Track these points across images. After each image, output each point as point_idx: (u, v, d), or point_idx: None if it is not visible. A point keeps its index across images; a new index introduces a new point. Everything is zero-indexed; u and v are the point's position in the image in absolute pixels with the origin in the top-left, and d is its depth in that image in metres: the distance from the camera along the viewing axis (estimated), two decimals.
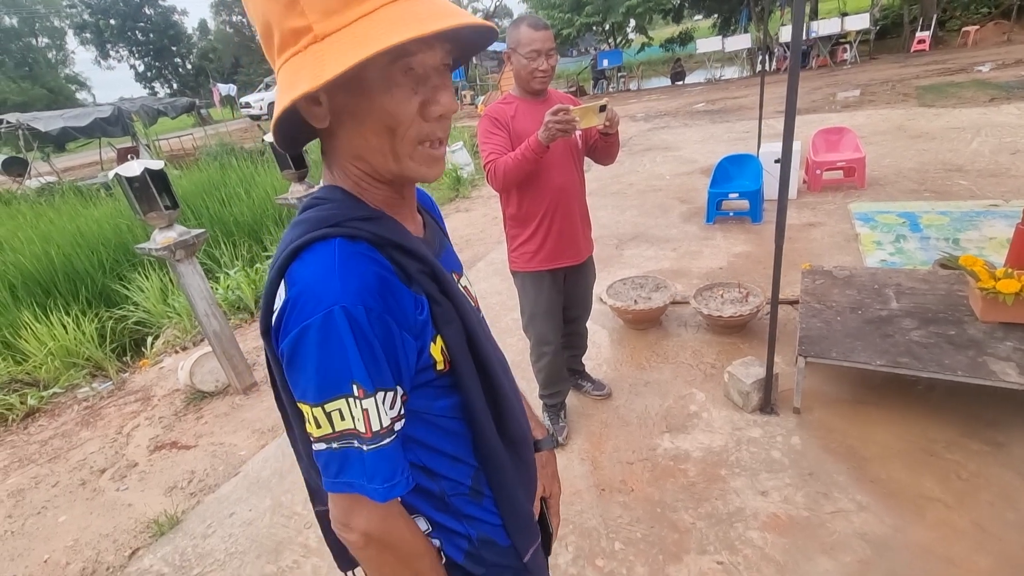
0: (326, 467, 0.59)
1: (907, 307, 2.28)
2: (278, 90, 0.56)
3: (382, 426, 0.58)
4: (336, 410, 0.56)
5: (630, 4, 16.87)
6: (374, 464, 0.58)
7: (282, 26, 0.53)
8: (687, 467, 2.05)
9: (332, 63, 0.50)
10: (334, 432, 0.57)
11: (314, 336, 0.55)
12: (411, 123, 0.59)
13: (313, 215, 0.62)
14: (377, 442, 0.58)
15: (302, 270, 0.57)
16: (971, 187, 4.26)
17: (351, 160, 0.63)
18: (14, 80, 32.50)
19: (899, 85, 9.06)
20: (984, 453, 1.88)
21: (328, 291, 0.55)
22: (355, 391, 0.56)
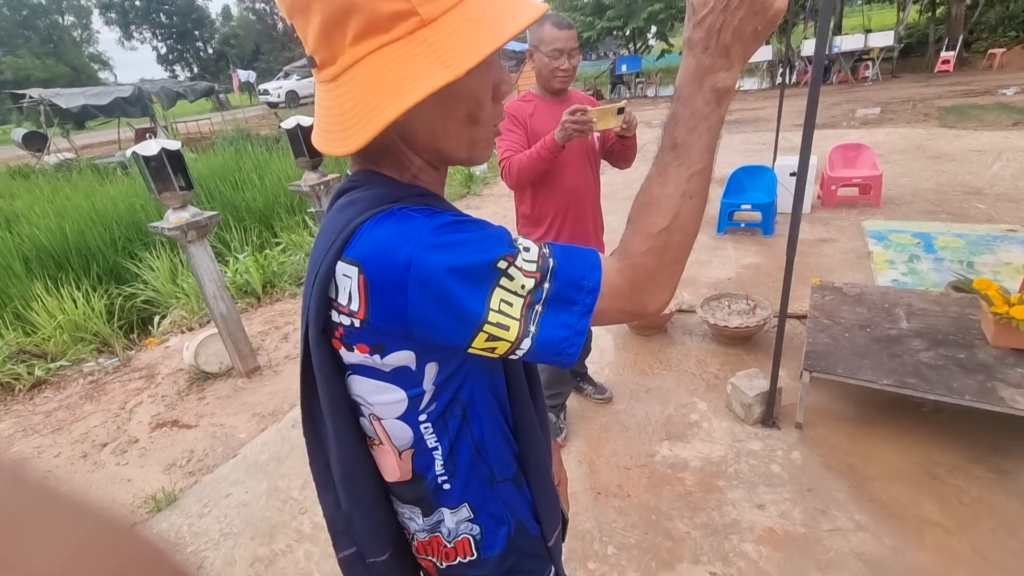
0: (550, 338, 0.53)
1: (917, 328, 2.25)
2: (368, 83, 0.49)
3: (538, 255, 0.55)
4: (501, 299, 0.52)
5: (652, 10, 16.81)
6: (570, 262, 0.55)
7: (374, 9, 0.47)
8: (685, 476, 2.04)
9: (463, 51, 0.46)
10: (521, 305, 0.53)
11: (427, 255, 0.50)
12: (488, 107, 0.57)
13: (364, 195, 0.57)
14: (551, 261, 0.55)
15: (367, 237, 0.53)
16: (989, 211, 4.21)
17: (419, 149, 0.59)
18: (38, 56, 32.97)
19: (920, 105, 8.96)
20: (988, 480, 1.85)
21: (410, 224, 0.52)
22: (503, 265, 0.52)
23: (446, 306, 0.51)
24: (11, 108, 16.73)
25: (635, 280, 0.56)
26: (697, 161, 0.55)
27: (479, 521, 0.69)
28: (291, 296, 4.27)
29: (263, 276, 4.35)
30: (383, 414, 0.63)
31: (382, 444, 0.66)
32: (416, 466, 0.66)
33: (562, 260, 0.55)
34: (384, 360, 0.58)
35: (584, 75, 20.27)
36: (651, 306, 0.58)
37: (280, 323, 3.80)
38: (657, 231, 0.55)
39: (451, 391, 0.63)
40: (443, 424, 0.64)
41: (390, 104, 0.48)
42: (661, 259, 0.56)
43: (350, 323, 0.55)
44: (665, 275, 0.57)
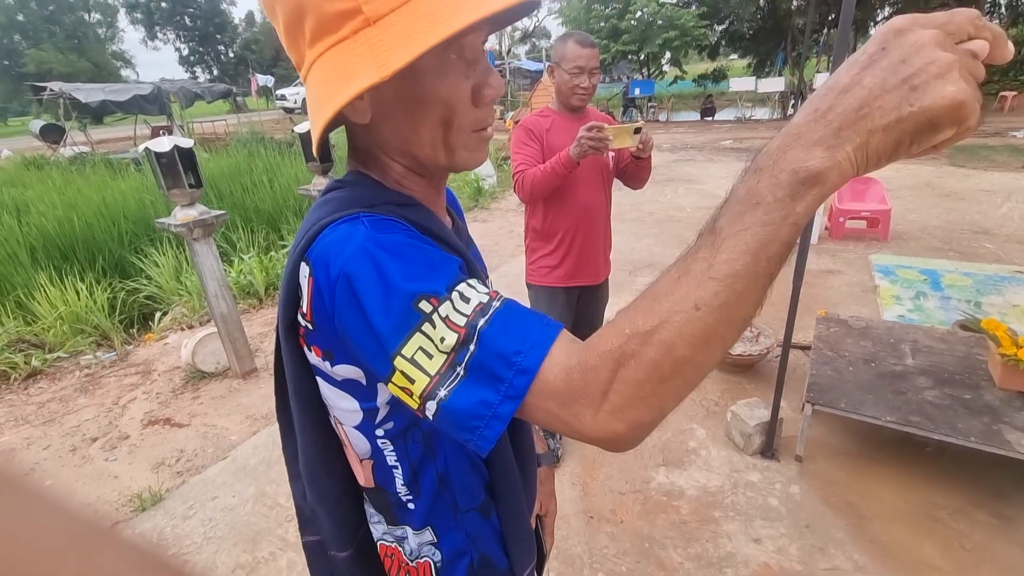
0: (463, 413, 0.44)
1: (923, 365, 2.22)
2: (316, 86, 0.49)
3: (478, 302, 0.46)
4: (418, 347, 0.44)
5: (667, 36, 17.07)
6: (505, 328, 0.44)
7: (321, 9, 0.46)
8: (680, 504, 2.00)
9: (397, 50, 0.44)
10: (437, 372, 0.44)
11: (355, 275, 0.46)
12: (466, 111, 0.53)
13: (340, 195, 0.56)
14: (488, 311, 0.45)
15: (324, 239, 0.50)
16: (997, 251, 4.18)
17: (394, 155, 0.57)
18: (62, 51, 33.64)
19: None
20: (991, 525, 1.80)
21: (356, 233, 0.49)
22: (425, 307, 0.45)
23: (363, 325, 0.46)
24: (31, 100, 17.02)
25: (577, 384, 0.41)
26: (727, 262, 0.38)
27: (441, 548, 0.67)
28: None
29: (266, 278, 4.35)
30: (342, 420, 0.61)
31: (347, 447, 0.65)
32: (377, 478, 0.64)
33: (500, 323, 0.44)
34: (334, 369, 0.55)
35: (596, 97, 20.51)
36: (589, 429, 0.42)
37: None
38: (630, 331, 0.40)
39: (410, 415, 0.59)
40: (404, 447, 0.61)
41: (327, 105, 0.46)
42: (618, 372, 0.40)
43: (305, 324, 0.54)
44: (619, 397, 0.40)
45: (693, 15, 17.39)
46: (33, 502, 0.15)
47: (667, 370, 0.39)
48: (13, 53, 34.37)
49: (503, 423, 0.43)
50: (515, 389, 0.43)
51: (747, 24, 19.18)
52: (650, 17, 17.42)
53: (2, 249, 4.40)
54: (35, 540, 0.14)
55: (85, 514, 0.16)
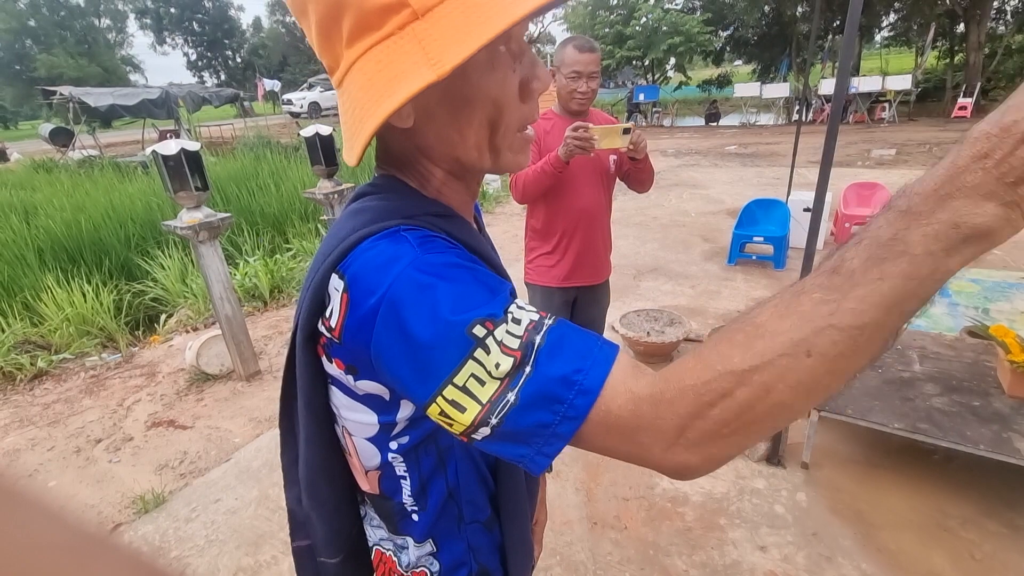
0: (517, 434, 0.41)
1: (930, 372, 2.20)
2: (359, 88, 0.45)
3: (531, 319, 0.43)
4: (470, 375, 0.42)
5: (672, 43, 17.11)
6: (561, 347, 0.41)
7: (362, 4, 0.42)
8: (685, 511, 1.98)
9: (452, 45, 0.40)
10: (488, 400, 0.41)
11: (402, 301, 0.43)
12: (514, 109, 0.50)
13: (376, 204, 0.52)
14: (540, 329, 0.42)
15: (363, 254, 0.47)
16: (1005, 257, 4.15)
17: (437, 160, 0.54)
18: (72, 56, 34.03)
19: (937, 148, 8.96)
20: (1002, 535, 1.78)
21: (401, 254, 0.45)
22: (480, 332, 0.42)
23: (407, 354, 0.43)
24: (42, 104, 17.20)
25: (646, 416, 0.39)
26: (854, 312, 0.34)
27: (440, 558, 0.65)
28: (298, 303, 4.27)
29: (271, 281, 4.37)
30: (353, 431, 0.59)
31: (352, 457, 0.63)
32: (383, 486, 0.63)
33: (555, 341, 0.42)
34: (357, 383, 0.53)
35: (601, 102, 20.56)
36: (657, 460, 0.40)
37: (284, 328, 3.80)
38: (722, 368, 0.37)
39: (427, 431, 0.57)
40: (415, 459, 0.59)
41: (375, 111, 0.43)
42: (702, 410, 0.37)
43: (329, 337, 0.52)
44: (698, 435, 0.38)
45: (698, 21, 17.43)
46: (30, 510, 0.15)
47: (759, 413, 0.36)
48: (24, 58, 34.79)
49: (562, 442, 0.41)
50: (575, 410, 0.40)
51: (752, 30, 19.20)
52: (655, 23, 17.47)
53: (10, 251, 4.43)
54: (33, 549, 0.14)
55: (83, 522, 0.16)
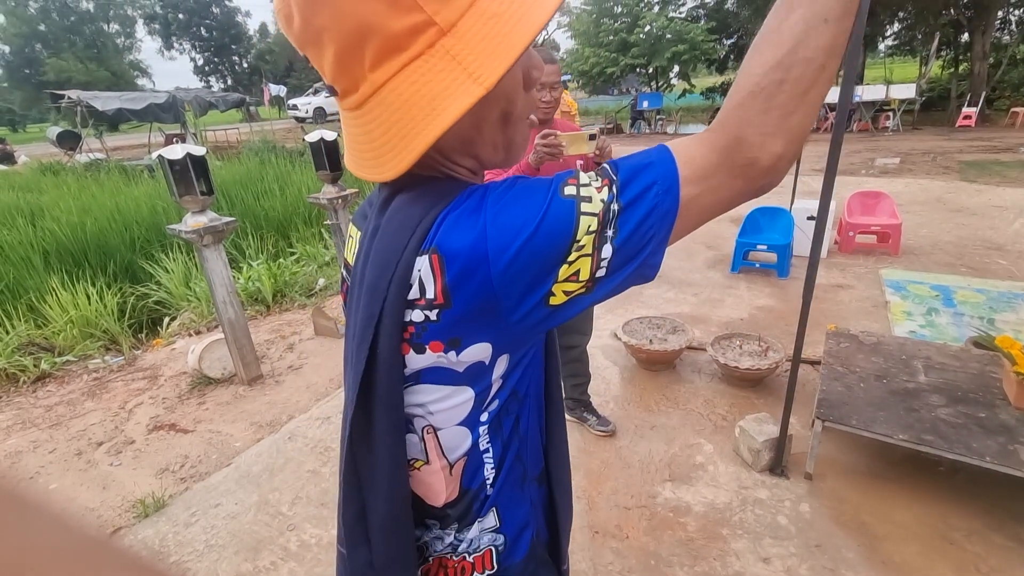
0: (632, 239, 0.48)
1: (936, 382, 2.18)
2: (395, 108, 0.47)
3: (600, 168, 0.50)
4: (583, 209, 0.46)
5: (676, 50, 17.15)
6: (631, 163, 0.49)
7: (389, 28, 0.44)
8: (687, 521, 1.96)
9: (488, 59, 0.43)
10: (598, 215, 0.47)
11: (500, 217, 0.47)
12: (521, 100, 0.53)
13: (432, 188, 0.53)
14: (613, 167, 0.49)
15: (444, 222, 0.49)
16: (1011, 267, 4.13)
17: (458, 159, 0.56)
18: (81, 60, 34.37)
19: (941, 157, 8.94)
20: (1008, 549, 1.76)
21: (475, 198, 0.50)
22: (567, 190, 0.48)
23: (527, 249, 0.47)
24: (50, 107, 17.37)
25: (732, 134, 0.47)
26: None
27: (504, 531, 0.63)
28: (300, 307, 4.28)
29: (275, 285, 4.38)
30: (443, 422, 0.58)
31: (428, 464, 0.60)
32: (464, 478, 0.61)
33: (625, 161, 0.50)
34: (459, 357, 0.53)
35: (605, 109, 20.62)
36: (762, 159, 0.47)
37: (287, 332, 3.80)
38: (768, 66, 0.45)
39: (512, 384, 0.59)
40: (498, 425, 0.60)
41: (425, 128, 0.46)
42: (771, 100, 0.45)
43: (423, 318, 0.51)
44: (776, 118, 0.45)
45: (702, 29, 17.49)
46: (32, 513, 0.15)
47: (810, 81, 0.45)
48: (34, 62, 35.15)
49: (672, 216, 0.48)
50: (667, 181, 0.47)
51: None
52: (659, 31, 17.53)
53: (16, 253, 4.46)
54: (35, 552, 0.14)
55: (85, 525, 0.16)
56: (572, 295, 0.49)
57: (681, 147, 0.49)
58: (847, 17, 0.45)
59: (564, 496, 0.72)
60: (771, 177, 0.49)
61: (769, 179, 0.49)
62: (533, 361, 0.62)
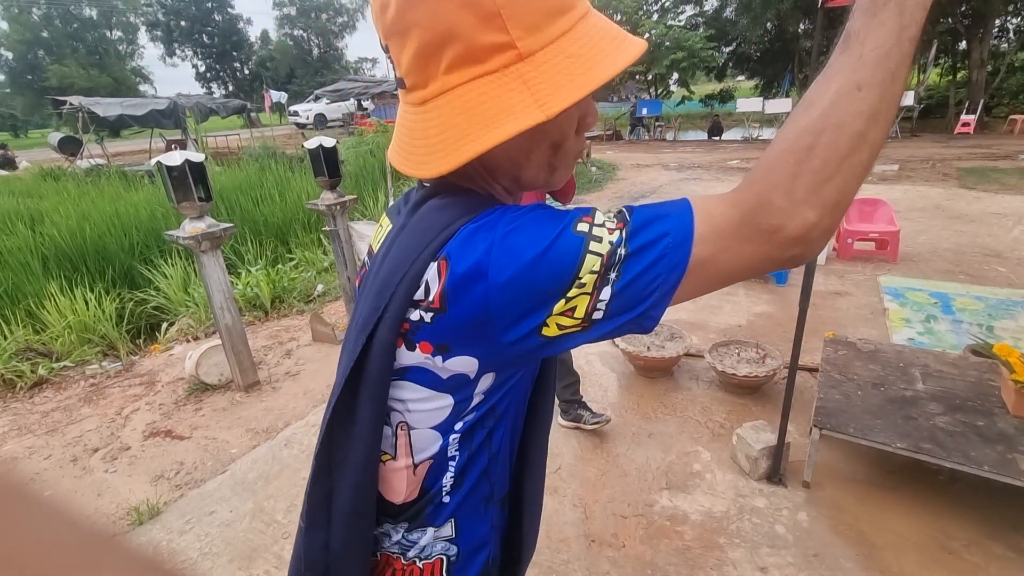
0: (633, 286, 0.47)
1: (933, 390, 2.17)
2: (458, 114, 0.50)
3: (617, 210, 0.50)
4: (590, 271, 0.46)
5: (675, 58, 17.24)
6: (647, 211, 0.49)
7: (474, 40, 0.47)
8: (684, 529, 1.95)
9: (557, 91, 0.47)
10: (604, 256, 0.46)
11: (509, 234, 0.48)
12: (572, 139, 0.57)
13: (460, 201, 0.55)
14: (628, 211, 0.50)
15: (461, 233, 0.51)
16: (1009, 275, 4.13)
17: (499, 177, 0.58)
18: (84, 67, 34.54)
19: (940, 164, 8.96)
20: (1008, 559, 1.74)
21: (492, 216, 0.51)
22: (579, 227, 0.48)
23: (527, 276, 0.47)
24: (52, 113, 17.45)
25: (756, 196, 0.45)
26: (874, 48, 0.43)
27: (459, 543, 0.64)
28: (298, 312, 4.27)
29: (273, 291, 4.38)
30: (417, 422, 0.59)
31: (394, 460, 0.61)
32: (426, 481, 0.61)
33: (641, 208, 0.49)
34: (445, 363, 0.54)
35: (604, 115, 20.71)
36: (789, 227, 0.44)
37: (284, 339, 3.80)
38: (799, 131, 0.45)
39: (493, 401, 0.60)
40: (470, 435, 0.61)
41: (480, 137, 0.48)
42: (802, 165, 0.44)
43: (419, 318, 0.52)
44: (807, 184, 0.44)
45: (701, 37, 17.59)
46: (39, 510, 0.15)
47: (845, 149, 0.43)
48: (36, 68, 35.36)
49: (680, 270, 0.46)
50: (680, 234, 0.46)
51: (754, 46, 19.37)
52: (658, 39, 17.63)
53: (15, 258, 4.46)
54: (42, 548, 0.14)
55: (91, 522, 0.16)
56: (567, 331, 0.49)
57: (703, 203, 0.48)
58: (888, 85, 0.43)
59: (531, 523, 0.72)
60: (803, 248, 0.46)
61: (801, 249, 0.46)
62: (518, 384, 0.62)
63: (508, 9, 0.46)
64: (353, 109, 21.64)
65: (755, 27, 16.75)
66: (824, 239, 0.46)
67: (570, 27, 0.48)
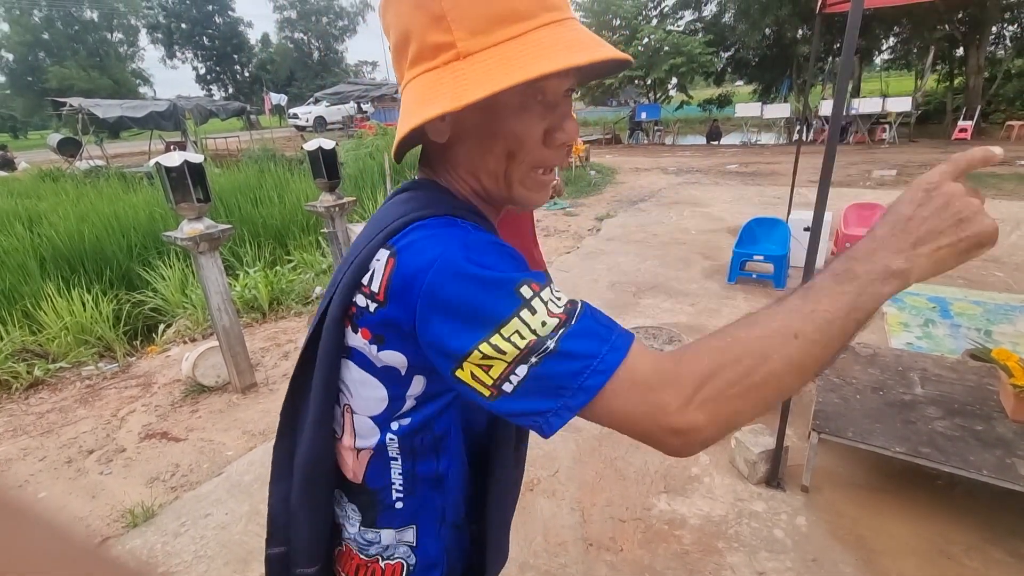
0: (544, 389, 0.47)
1: (932, 394, 2.17)
2: (407, 103, 0.55)
3: (567, 300, 0.50)
4: (515, 330, 0.46)
5: (674, 63, 17.31)
6: (594, 328, 0.48)
7: (423, 39, 0.52)
8: (682, 533, 1.94)
9: (475, 85, 0.49)
10: (522, 350, 0.46)
11: (457, 262, 0.48)
12: (533, 148, 0.57)
13: (423, 195, 0.60)
14: (575, 312, 0.48)
15: (414, 231, 0.53)
16: (1007, 280, 4.13)
17: (463, 175, 0.61)
18: (84, 68, 34.56)
19: None
20: (1007, 564, 1.74)
21: (452, 229, 0.52)
22: (526, 293, 0.48)
23: (456, 308, 0.48)
24: (52, 115, 17.45)
25: (668, 372, 0.46)
26: (827, 310, 0.47)
27: (417, 553, 0.66)
28: (296, 314, 4.26)
29: (271, 293, 4.37)
30: (359, 408, 0.61)
31: (341, 439, 0.64)
32: (369, 471, 0.64)
33: (593, 313, 0.49)
34: (379, 353, 0.56)
35: (603, 120, 20.77)
36: (672, 416, 0.45)
37: (282, 340, 3.79)
38: (729, 340, 0.48)
39: (427, 414, 0.60)
40: (411, 448, 0.62)
41: (408, 122, 0.52)
42: (718, 369, 0.46)
43: (365, 304, 0.55)
44: (711, 391, 0.45)
45: (700, 42, 17.66)
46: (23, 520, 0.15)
47: (758, 378, 0.46)
48: (37, 70, 35.36)
49: (588, 395, 0.46)
50: (605, 364, 0.46)
51: (753, 52, 19.45)
52: (657, 44, 17.70)
53: (12, 259, 4.45)
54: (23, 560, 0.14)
55: (76, 533, 0.16)
56: (475, 387, 0.49)
57: (640, 351, 0.48)
58: (821, 346, 0.46)
59: (495, 557, 0.72)
60: (679, 443, 0.47)
61: (678, 443, 0.47)
62: (458, 416, 0.63)
63: (454, 13, 0.50)
64: (353, 112, 21.69)
65: (753, 32, 16.82)
66: (699, 447, 0.47)
67: (520, 33, 0.50)
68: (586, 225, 6.66)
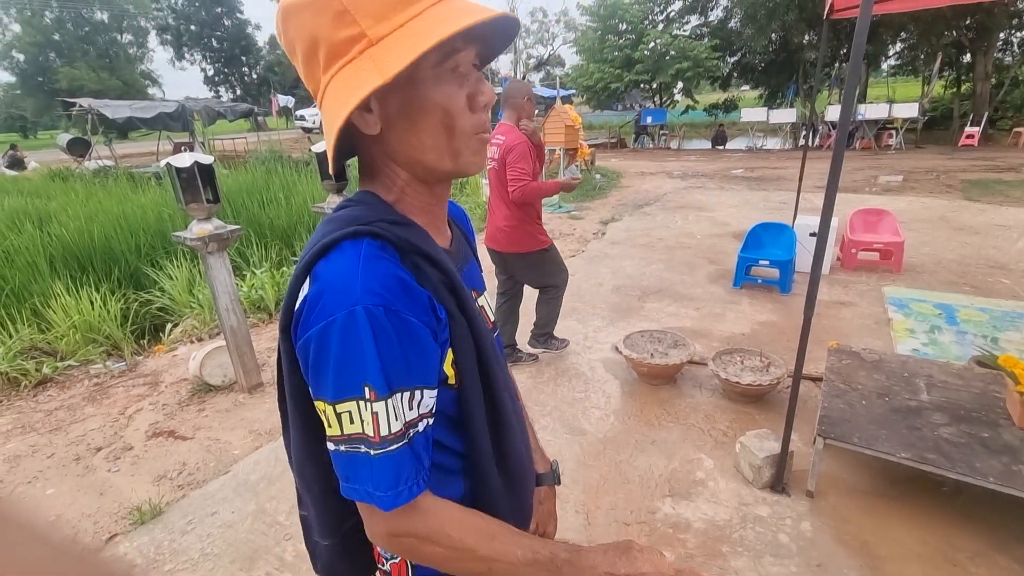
0: (338, 469, 0.59)
1: (938, 401, 2.17)
2: (329, 105, 0.56)
3: (391, 431, 0.56)
4: (347, 412, 0.55)
5: (680, 67, 17.33)
6: (380, 470, 0.56)
7: (332, 38, 0.54)
8: (686, 537, 1.94)
9: (396, 59, 0.51)
10: (342, 435, 0.56)
11: (334, 334, 0.54)
12: (462, 115, 0.59)
13: (344, 215, 0.63)
14: (384, 447, 0.56)
15: (327, 267, 0.57)
16: (1014, 287, 4.12)
17: (401, 163, 0.63)
18: (94, 69, 34.85)
19: (944, 176, 8.96)
20: (1013, 571, 1.73)
21: (350, 290, 0.54)
22: (366, 394, 0.54)
23: (313, 368, 0.56)
24: (61, 115, 17.60)
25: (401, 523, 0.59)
26: None
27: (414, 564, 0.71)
28: None
29: (277, 293, 4.39)
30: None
31: None
32: None
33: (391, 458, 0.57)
34: None
35: (609, 124, 20.78)
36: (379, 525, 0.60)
37: None
38: (456, 538, 0.59)
39: None
40: None
41: (339, 115, 0.53)
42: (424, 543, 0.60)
43: None
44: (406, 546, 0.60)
45: (706, 47, 17.68)
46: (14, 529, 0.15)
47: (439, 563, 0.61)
48: (47, 70, 35.66)
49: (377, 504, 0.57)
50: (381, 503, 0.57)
51: (759, 57, 19.44)
52: (663, 48, 17.72)
53: (22, 257, 4.49)
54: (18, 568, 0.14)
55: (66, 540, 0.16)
56: (323, 418, 0.58)
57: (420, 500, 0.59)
58: None
59: None
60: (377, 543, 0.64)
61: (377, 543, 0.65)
62: (443, 418, 0.66)
63: (354, 5, 0.52)
64: None
65: (760, 38, 16.82)
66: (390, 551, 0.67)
67: (421, 11, 0.53)
68: (591, 229, 6.67)
